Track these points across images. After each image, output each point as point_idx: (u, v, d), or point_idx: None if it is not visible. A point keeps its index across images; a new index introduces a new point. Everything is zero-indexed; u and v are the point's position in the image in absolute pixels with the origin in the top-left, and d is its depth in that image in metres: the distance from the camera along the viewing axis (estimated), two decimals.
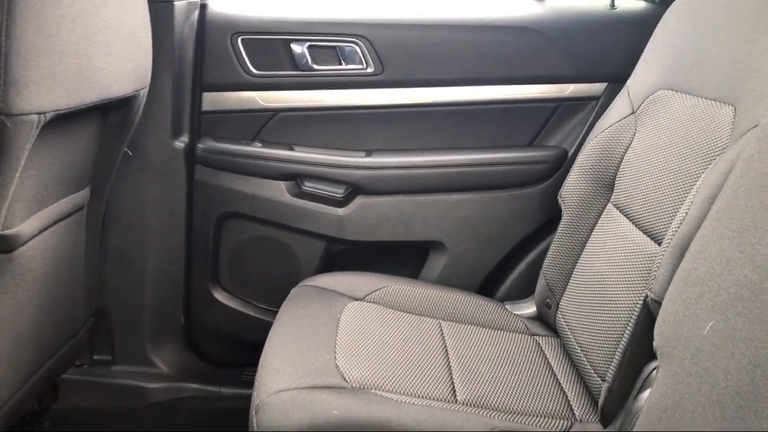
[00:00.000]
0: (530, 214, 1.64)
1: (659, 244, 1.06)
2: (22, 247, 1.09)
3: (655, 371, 0.89)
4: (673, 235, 0.93)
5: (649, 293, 0.95)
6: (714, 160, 0.98)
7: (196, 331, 1.72)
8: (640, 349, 1.00)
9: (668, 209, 1.08)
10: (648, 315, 0.97)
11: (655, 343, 0.84)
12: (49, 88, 0.94)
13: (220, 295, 1.70)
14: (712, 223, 0.81)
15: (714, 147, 1.02)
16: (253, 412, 1.03)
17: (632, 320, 1.03)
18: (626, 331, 1.05)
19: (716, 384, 0.68)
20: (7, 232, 1.02)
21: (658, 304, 0.88)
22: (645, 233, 1.15)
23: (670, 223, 0.98)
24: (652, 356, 0.93)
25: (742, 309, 0.68)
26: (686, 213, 0.93)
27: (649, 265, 1.04)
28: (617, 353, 1.06)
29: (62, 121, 1.03)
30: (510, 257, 1.67)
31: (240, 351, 1.71)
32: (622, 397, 1.03)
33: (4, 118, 0.86)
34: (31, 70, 0.89)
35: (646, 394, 0.96)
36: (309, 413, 0.99)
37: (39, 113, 0.93)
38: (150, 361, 1.68)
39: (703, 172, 0.98)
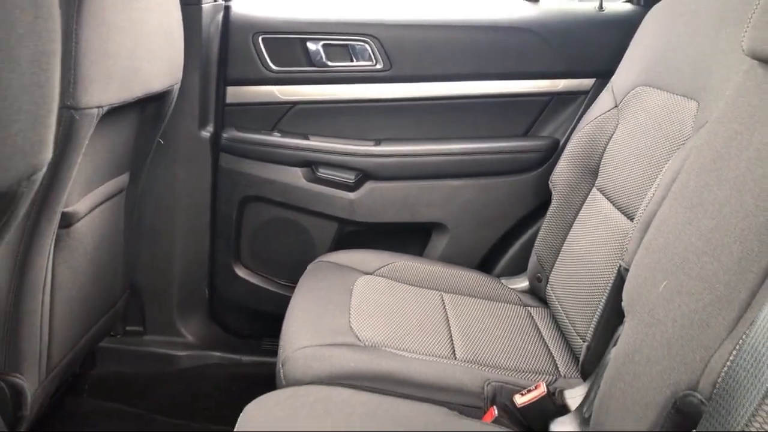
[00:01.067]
0: (524, 198, 1.76)
1: (632, 220, 1.20)
2: (78, 223, 1.24)
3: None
4: (643, 213, 1.08)
5: (621, 263, 1.10)
6: (679, 148, 1.13)
7: (220, 304, 1.86)
8: (615, 312, 1.15)
9: (640, 191, 1.22)
10: (621, 282, 1.11)
11: (623, 303, 1.00)
12: (106, 85, 1.09)
13: (241, 272, 1.84)
14: (670, 202, 0.96)
15: (680, 137, 1.17)
16: (280, 366, 1.18)
17: (608, 288, 1.19)
18: (603, 298, 1.20)
19: (666, 330, 0.83)
20: (68, 209, 1.18)
21: (628, 271, 1.03)
22: (621, 212, 1.30)
23: (641, 203, 1.12)
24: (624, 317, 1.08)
25: (688, 270, 0.83)
26: (653, 194, 1.08)
27: (624, 239, 1.19)
28: (595, 317, 1.21)
29: (111, 114, 1.18)
30: (506, 237, 1.79)
31: (259, 322, 1.85)
32: (599, 354, 1.18)
33: (73, 111, 1.01)
34: (93, 70, 1.04)
35: None
36: (328, 365, 1.14)
37: (98, 107, 1.08)
38: (178, 331, 1.83)
39: (669, 159, 1.13)
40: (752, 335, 0.66)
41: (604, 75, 1.64)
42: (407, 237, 1.83)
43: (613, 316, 1.16)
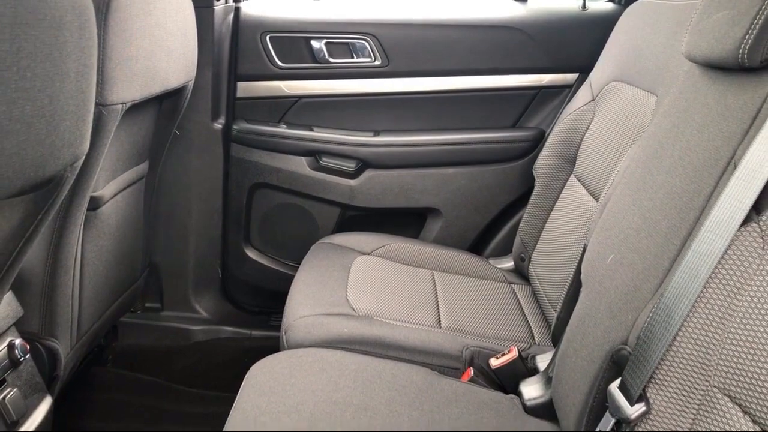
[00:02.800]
0: (512, 185, 1.88)
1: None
2: (103, 206, 1.39)
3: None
4: (603, 196, 1.21)
5: (586, 241, 1.23)
6: (639, 138, 1.26)
7: (231, 283, 2.00)
8: (579, 285, 1.28)
9: (607, 177, 1.35)
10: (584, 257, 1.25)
11: (581, 276, 1.13)
12: (128, 84, 1.23)
13: (251, 253, 1.98)
14: (621, 186, 1.10)
15: (641, 128, 1.29)
16: (283, 332, 1.33)
17: (576, 263, 1.32)
18: (572, 272, 1.33)
19: (609, 297, 0.96)
20: (96, 193, 1.32)
21: None
22: (592, 197, 1.43)
23: None
24: None
25: (629, 244, 0.97)
26: (613, 179, 1.21)
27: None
28: (565, 289, 1.34)
29: (133, 109, 1.32)
30: (495, 221, 1.91)
31: (268, 300, 1.99)
32: (566, 322, 1.31)
33: (101, 107, 1.16)
34: (117, 71, 1.18)
35: None
36: (325, 331, 1.28)
37: (122, 103, 1.22)
38: (192, 307, 1.97)
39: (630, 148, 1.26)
40: (666, 296, 0.80)
41: (586, 70, 1.74)
42: (404, 221, 1.96)
43: (578, 288, 1.28)
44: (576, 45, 1.84)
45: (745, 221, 0.73)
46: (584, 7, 1.86)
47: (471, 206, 1.90)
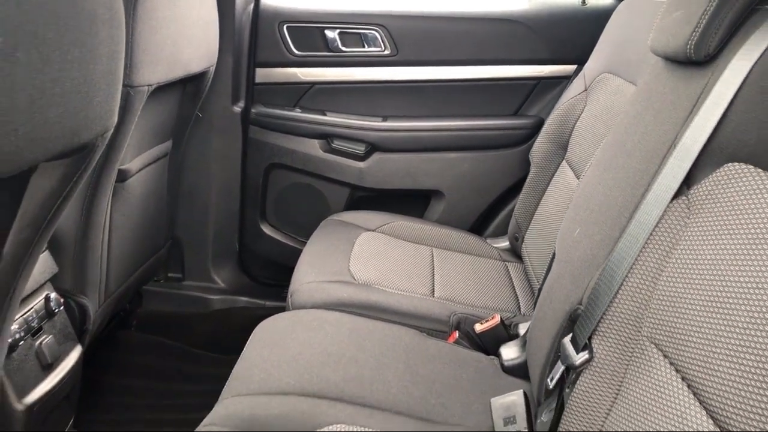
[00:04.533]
0: (512, 170, 1.99)
1: None
2: (130, 179, 1.53)
3: None
4: (582, 178, 1.32)
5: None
6: None
7: (248, 257, 2.14)
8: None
9: (589, 161, 1.46)
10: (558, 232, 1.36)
11: (555, 249, 1.25)
12: (154, 68, 1.37)
13: (266, 229, 2.11)
14: (593, 167, 1.21)
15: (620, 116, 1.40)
16: (289, 296, 1.46)
17: None
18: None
19: (573, 265, 1.08)
20: (124, 166, 1.47)
21: None
22: (578, 179, 1.53)
23: None
24: None
25: (592, 219, 1.08)
26: (591, 163, 1.32)
27: None
28: (548, 264, 1.45)
29: (158, 91, 1.45)
30: (495, 203, 2.02)
31: (281, 273, 2.10)
32: None
33: (129, 88, 1.29)
34: (144, 56, 1.32)
35: None
36: (326, 295, 1.41)
37: (148, 85, 1.36)
38: (211, 278, 2.12)
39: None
40: (611, 260, 0.91)
41: (583, 62, 1.82)
42: (410, 201, 2.07)
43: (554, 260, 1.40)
44: (575, 38, 1.94)
45: (677, 194, 0.85)
46: (584, 2, 1.95)
47: (472, 189, 2.01)
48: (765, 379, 0.61)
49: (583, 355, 0.91)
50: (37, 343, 1.23)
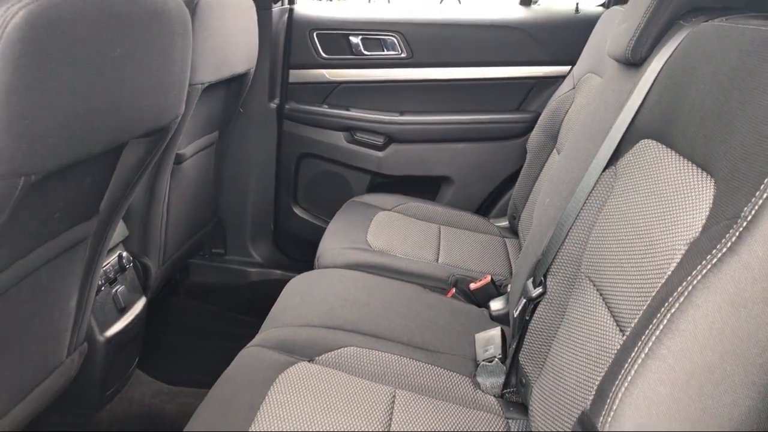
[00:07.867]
0: (513, 159, 2.23)
1: None
2: (185, 162, 1.83)
3: None
4: None
5: None
6: None
7: (281, 235, 2.41)
8: None
9: None
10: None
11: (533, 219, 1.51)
12: (206, 69, 1.66)
13: (298, 210, 2.38)
14: (563, 151, 1.47)
15: None
16: (316, 259, 1.75)
17: None
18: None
19: (542, 227, 1.34)
20: (180, 151, 1.76)
21: None
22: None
23: None
24: None
25: (558, 191, 1.34)
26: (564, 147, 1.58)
27: None
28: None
29: (208, 89, 1.74)
30: (499, 188, 2.28)
31: (310, 249, 2.32)
32: None
33: (190, 86, 1.58)
34: (199, 59, 1.61)
35: None
36: (346, 258, 1.69)
37: (201, 84, 1.65)
38: (249, 253, 2.39)
39: None
40: (562, 217, 1.17)
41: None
42: (423, 186, 2.33)
43: None
44: (569, 42, 2.17)
45: (608, 165, 1.11)
46: (577, 10, 2.20)
47: (478, 175, 2.26)
48: (642, 284, 0.87)
49: (539, 289, 1.17)
50: (114, 290, 1.53)
